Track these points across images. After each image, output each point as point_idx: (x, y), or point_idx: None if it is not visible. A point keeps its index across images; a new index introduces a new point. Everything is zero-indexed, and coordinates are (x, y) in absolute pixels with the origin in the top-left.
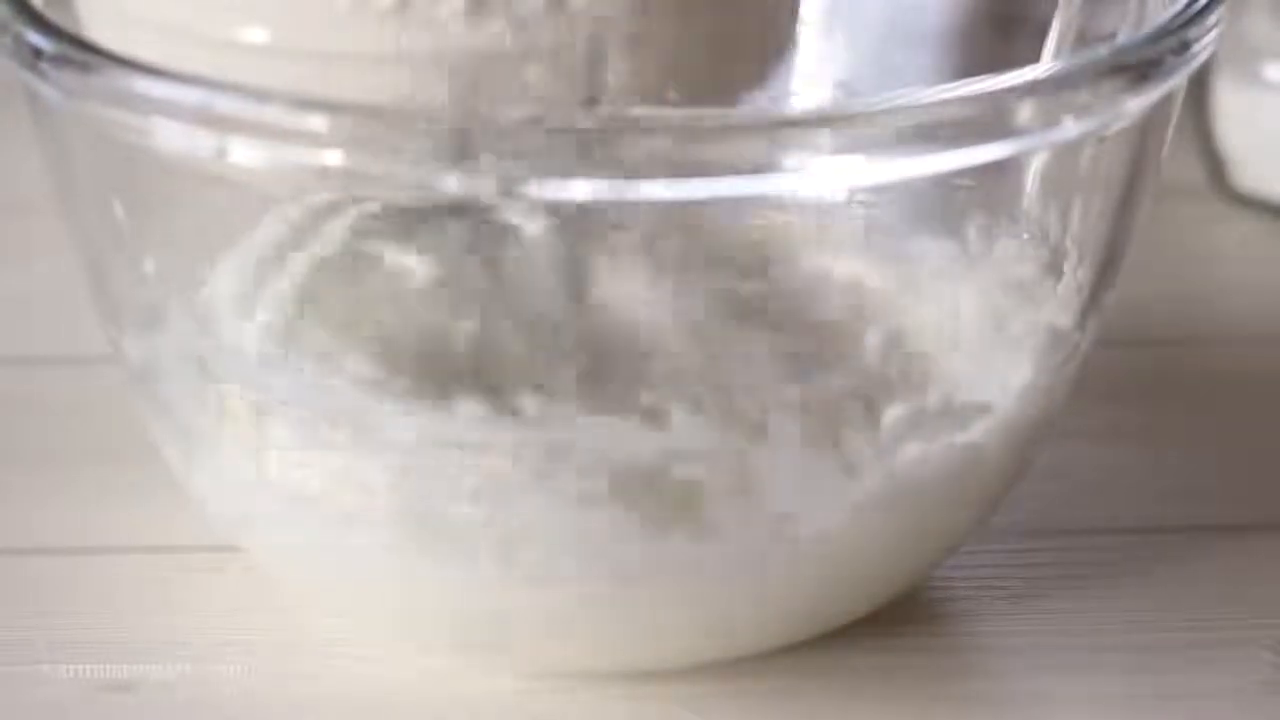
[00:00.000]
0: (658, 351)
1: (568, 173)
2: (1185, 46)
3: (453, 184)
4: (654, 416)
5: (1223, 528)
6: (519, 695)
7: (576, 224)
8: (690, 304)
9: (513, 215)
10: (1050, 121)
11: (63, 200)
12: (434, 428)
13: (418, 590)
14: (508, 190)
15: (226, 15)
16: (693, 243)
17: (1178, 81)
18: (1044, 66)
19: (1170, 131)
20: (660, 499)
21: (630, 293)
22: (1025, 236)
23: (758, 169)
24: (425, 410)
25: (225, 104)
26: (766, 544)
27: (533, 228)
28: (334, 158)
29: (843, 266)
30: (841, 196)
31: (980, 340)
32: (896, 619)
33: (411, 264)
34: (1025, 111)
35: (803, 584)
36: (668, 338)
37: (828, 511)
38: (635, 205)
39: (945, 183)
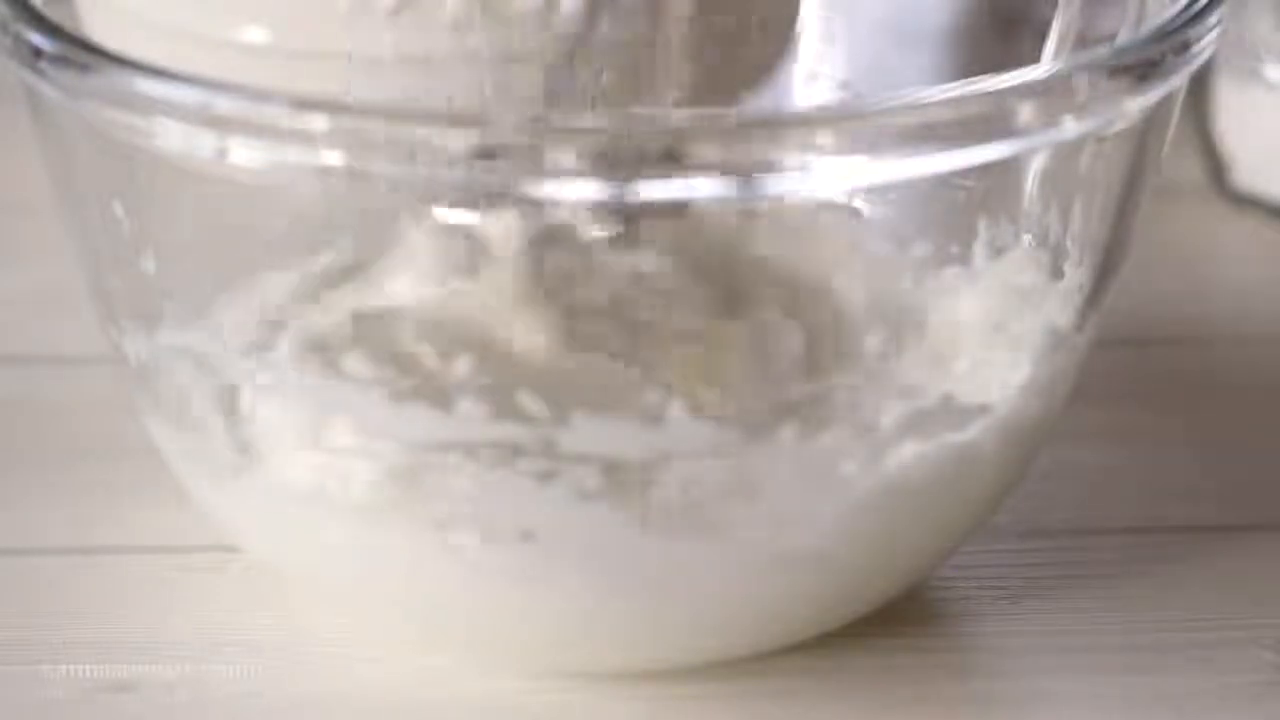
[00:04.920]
0: (656, 350)
1: (567, 173)
2: (1185, 47)
3: (452, 184)
4: (653, 416)
5: (1223, 528)
6: (519, 695)
7: (573, 222)
8: (688, 303)
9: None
10: (1050, 122)
11: (62, 200)
12: (434, 427)
13: (417, 590)
14: (507, 190)
15: (226, 15)
16: (692, 242)
17: (1178, 82)
18: (1044, 67)
19: (1170, 132)
20: (659, 499)
21: (628, 291)
22: (1025, 236)
23: (758, 169)
24: (425, 410)
25: (225, 104)
26: (766, 544)
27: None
28: (334, 158)
29: (842, 266)
30: (841, 196)
31: (979, 340)
32: (896, 619)
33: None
34: (1025, 111)
35: (802, 584)
36: (667, 336)
37: (827, 511)
38: (635, 204)
39: (945, 183)
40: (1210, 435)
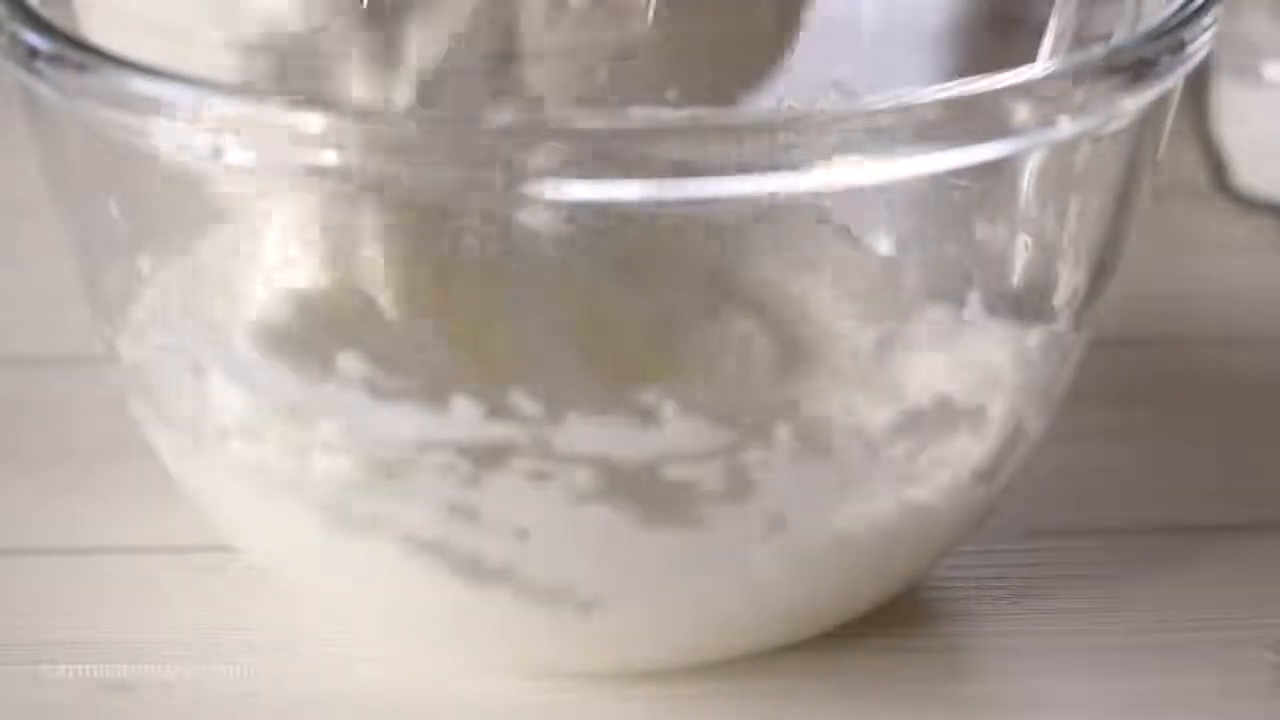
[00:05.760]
0: (652, 350)
1: (567, 173)
2: (1181, 46)
3: (451, 184)
4: (649, 416)
5: (1223, 528)
6: (519, 695)
7: (573, 221)
8: (686, 303)
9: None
10: (1046, 121)
11: (57, 199)
12: (430, 427)
13: (414, 589)
14: (506, 190)
15: (226, 16)
16: (689, 242)
17: (1173, 81)
18: (1040, 66)
19: (1166, 131)
20: (656, 499)
21: (626, 291)
22: (1021, 236)
23: (757, 169)
24: (421, 410)
25: (221, 104)
26: (762, 543)
27: (530, 224)
28: (331, 158)
29: (838, 267)
30: (838, 196)
31: (975, 341)
32: (896, 619)
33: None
34: (1021, 111)
35: (799, 583)
36: (663, 337)
37: (823, 511)
38: (633, 204)
39: (942, 183)
40: (1210, 435)
